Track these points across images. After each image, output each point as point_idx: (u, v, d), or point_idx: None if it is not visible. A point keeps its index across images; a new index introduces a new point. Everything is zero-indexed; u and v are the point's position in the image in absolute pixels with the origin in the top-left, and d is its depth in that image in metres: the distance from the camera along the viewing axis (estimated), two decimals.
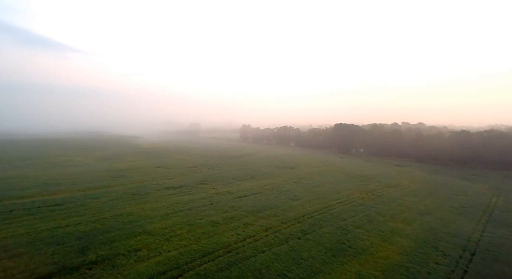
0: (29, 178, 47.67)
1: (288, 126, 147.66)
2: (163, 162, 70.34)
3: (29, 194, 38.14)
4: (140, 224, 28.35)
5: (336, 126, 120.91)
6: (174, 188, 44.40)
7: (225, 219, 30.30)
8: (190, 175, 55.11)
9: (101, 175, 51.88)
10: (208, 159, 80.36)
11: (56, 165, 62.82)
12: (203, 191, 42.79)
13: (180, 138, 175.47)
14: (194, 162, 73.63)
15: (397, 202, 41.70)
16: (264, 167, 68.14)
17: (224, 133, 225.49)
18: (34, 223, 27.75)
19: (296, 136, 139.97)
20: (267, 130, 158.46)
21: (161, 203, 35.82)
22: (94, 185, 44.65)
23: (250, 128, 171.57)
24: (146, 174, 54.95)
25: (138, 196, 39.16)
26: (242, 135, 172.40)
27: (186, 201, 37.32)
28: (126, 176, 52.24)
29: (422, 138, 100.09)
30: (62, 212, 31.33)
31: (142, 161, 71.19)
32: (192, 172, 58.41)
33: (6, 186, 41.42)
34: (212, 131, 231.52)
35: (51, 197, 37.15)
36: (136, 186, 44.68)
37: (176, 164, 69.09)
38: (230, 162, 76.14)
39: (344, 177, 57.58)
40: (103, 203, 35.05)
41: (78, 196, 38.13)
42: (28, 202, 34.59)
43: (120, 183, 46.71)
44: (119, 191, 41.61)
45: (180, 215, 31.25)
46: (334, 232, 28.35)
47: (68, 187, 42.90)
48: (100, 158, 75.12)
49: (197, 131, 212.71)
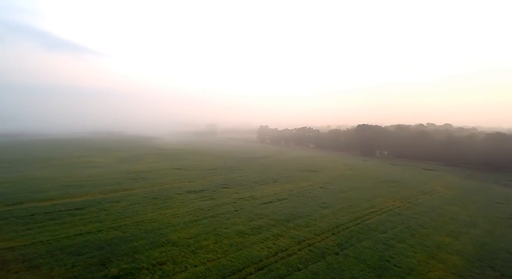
0: (51, 179, 47.40)
1: (307, 127, 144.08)
2: (183, 164, 69.16)
3: (50, 196, 37.45)
4: (163, 232, 26.57)
5: (358, 127, 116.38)
6: (195, 192, 42.68)
7: (253, 229, 28.03)
8: (210, 178, 53.38)
9: (122, 177, 51.05)
10: (227, 161, 78.64)
11: (77, 166, 62.89)
12: (226, 196, 40.78)
13: (197, 139, 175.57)
14: (213, 164, 72.06)
15: (437, 211, 38.08)
16: (285, 170, 65.52)
17: (241, 134, 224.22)
18: (55, 229, 26.56)
19: (316, 138, 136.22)
20: (286, 131, 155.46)
21: (183, 209, 34.05)
22: (115, 187, 43.66)
23: (268, 129, 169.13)
24: (167, 176, 53.70)
25: (159, 200, 37.64)
26: (259, 136, 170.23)
27: (209, 206, 35.39)
28: (146, 178, 51.15)
29: (452, 140, 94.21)
30: (83, 217, 30.12)
31: (162, 163, 70.33)
32: (212, 175, 56.68)
33: (28, 188, 41.05)
34: (229, 132, 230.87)
35: (72, 200, 36.25)
36: (157, 190, 43.30)
37: (196, 166, 67.72)
38: (250, 164, 74.02)
39: (373, 182, 54.02)
40: (124, 208, 33.68)
41: (99, 199, 37.05)
42: (50, 205, 33.74)
43: (141, 185, 45.54)
44: (139, 194, 40.31)
45: (204, 223, 29.27)
46: (374, 247, 25.45)
47: (89, 189, 42.10)
48: (120, 159, 75.00)
49: (213, 132, 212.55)
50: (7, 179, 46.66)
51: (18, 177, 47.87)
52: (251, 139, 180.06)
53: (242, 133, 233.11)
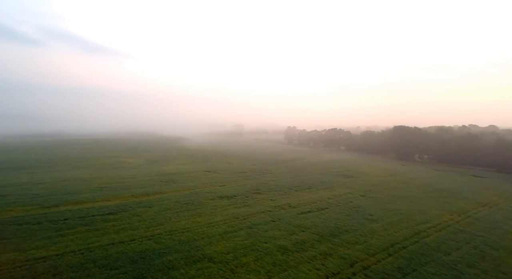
0: (85, 180, 47.54)
1: (337, 129, 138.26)
2: (212, 166, 67.69)
3: (84, 199, 36.99)
4: (198, 244, 24.43)
5: (395, 128, 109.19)
6: (227, 197, 40.53)
7: (295, 244, 25.09)
8: (241, 182, 51.13)
9: (153, 179, 50.25)
10: (257, 163, 76.21)
11: (109, 166, 63.43)
12: (260, 203, 38.17)
13: (224, 139, 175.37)
14: (242, 166, 69.96)
15: (503, 228, 32.86)
16: (319, 174, 61.78)
17: (267, 135, 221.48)
18: (87, 236, 25.36)
19: (347, 140, 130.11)
20: (314, 132, 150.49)
21: (217, 217, 31.89)
22: (146, 190, 42.67)
23: (295, 130, 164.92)
24: (196, 179, 52.22)
25: (191, 206, 35.86)
26: (287, 137, 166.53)
27: (244, 215, 32.95)
28: (176, 181, 49.94)
29: (503, 143, 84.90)
30: (116, 223, 28.88)
31: (191, 165, 69.36)
32: (243, 179, 54.43)
33: (63, 190, 41.09)
34: (255, 132, 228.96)
35: (105, 204, 35.46)
36: (188, 194, 41.70)
37: (225, 168, 65.94)
38: (281, 167, 71.00)
39: (420, 191, 48.90)
40: (157, 214, 32.16)
41: (131, 203, 35.97)
42: (83, 209, 33.04)
43: (172, 189, 44.24)
44: (171, 199, 38.85)
45: (241, 235, 26.81)
46: (441, 273, 21.52)
47: (121, 192, 41.40)
48: (150, 160, 75.17)
49: (240, 133, 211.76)
50: (45, 179, 47.44)
51: (55, 178, 48.58)
52: (278, 140, 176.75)
53: (268, 134, 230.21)
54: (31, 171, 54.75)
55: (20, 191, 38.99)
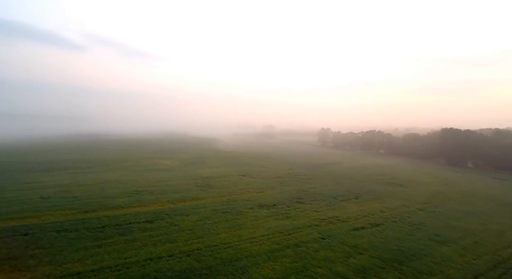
0: (122, 183, 47.13)
1: (376, 131, 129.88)
2: (246, 170, 65.18)
3: (121, 203, 35.97)
4: (242, 265, 21.57)
5: (444, 131, 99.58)
6: (267, 206, 37.48)
7: (356, 272, 21.26)
8: (280, 189, 47.88)
9: (188, 183, 48.72)
10: (293, 167, 72.50)
11: (145, 168, 63.36)
12: (304, 215, 34.64)
13: (255, 141, 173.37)
14: (278, 170, 66.68)
15: None
16: (363, 182, 56.68)
17: (299, 137, 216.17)
18: (124, 248, 23.61)
19: (388, 143, 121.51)
20: (350, 134, 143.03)
21: (259, 230, 28.93)
22: (183, 195, 40.97)
23: (329, 132, 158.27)
24: (233, 184, 49.87)
25: (230, 215, 33.29)
26: (320, 139, 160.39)
27: (289, 229, 29.67)
28: (212, 186, 47.95)
29: None
30: (153, 233, 27.03)
31: (225, 168, 67.44)
32: (281, 185, 51.14)
33: (101, 193, 40.64)
34: (286, 134, 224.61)
35: (142, 210, 34.07)
36: (226, 201, 39.29)
37: (260, 172, 63.09)
38: (319, 172, 66.70)
39: (489, 206, 42.30)
40: (195, 224, 29.95)
41: (168, 210, 34.23)
42: (120, 215, 31.79)
43: (208, 195, 42.17)
44: (208, 206, 36.64)
45: (289, 255, 23.54)
46: None
47: (158, 196, 40.07)
48: (185, 162, 74.57)
49: (271, 134, 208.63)
50: (85, 181, 47.78)
51: (94, 180, 48.82)
52: (310, 142, 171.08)
53: (300, 135, 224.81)
54: (73, 172, 55.96)
55: (61, 194, 39.04)
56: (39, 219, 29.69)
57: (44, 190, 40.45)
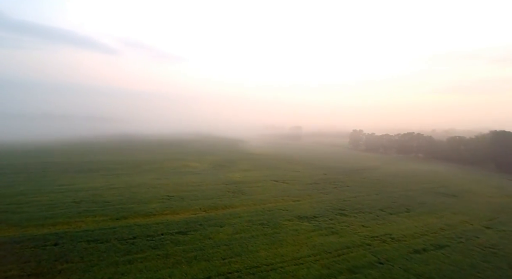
0: (153, 187, 45.72)
1: (414, 133, 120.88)
2: (279, 175, 61.80)
3: (152, 210, 34.14)
4: None
5: (494, 134, 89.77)
6: (307, 218, 33.93)
7: None
8: (317, 197, 44.07)
9: (220, 189, 46.34)
10: (327, 172, 68.02)
11: (175, 171, 62.06)
12: (351, 230, 30.69)
13: (283, 142, 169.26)
14: (312, 175, 62.63)
15: None
16: (410, 191, 51.20)
17: (327, 138, 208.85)
18: (157, 266, 21.33)
19: (428, 146, 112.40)
20: (385, 136, 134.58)
21: (303, 249, 25.52)
22: (215, 202, 38.53)
23: (362, 133, 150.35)
24: (266, 190, 46.80)
25: (267, 228, 30.19)
26: (352, 142, 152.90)
27: (337, 248, 25.97)
28: (245, 192, 45.18)
29: None
30: (187, 248, 24.59)
31: (256, 171, 64.53)
32: (317, 192, 47.26)
33: (133, 197, 39.24)
34: (314, 135, 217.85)
35: (173, 218, 31.96)
36: (261, 210, 36.25)
37: (294, 177, 59.45)
38: (357, 178, 61.79)
39: None
40: (230, 238, 27.19)
41: (201, 219, 31.84)
42: (152, 224, 29.81)
43: (242, 202, 39.40)
44: (243, 216, 33.83)
45: None
46: None
47: (189, 202, 37.95)
48: (214, 164, 72.70)
49: (298, 135, 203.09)
50: (117, 183, 47.01)
51: (126, 182, 47.94)
52: (341, 145, 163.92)
53: (328, 136, 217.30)
54: (105, 173, 55.79)
55: (93, 197, 38.10)
56: (70, 226, 28.43)
57: (76, 193, 39.81)
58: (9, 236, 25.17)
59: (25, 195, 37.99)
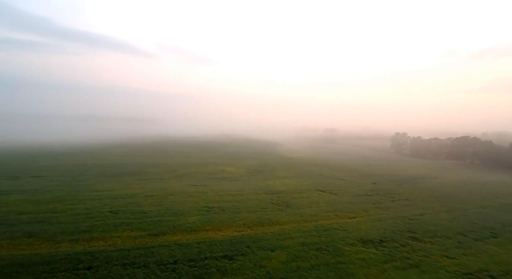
0: (190, 195, 42.47)
1: (469, 137, 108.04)
2: (322, 183, 56.14)
3: (192, 225, 30.49)
4: None
5: None
6: (373, 243, 28.28)
7: None
8: (377, 214, 37.98)
9: (262, 199, 41.95)
10: (376, 180, 61.03)
11: (211, 176, 58.82)
12: (433, 263, 24.60)
13: (318, 145, 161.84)
14: (360, 184, 56.15)
15: None
16: (487, 207, 43.23)
17: (365, 141, 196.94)
18: None
19: (487, 152, 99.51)
20: (435, 141, 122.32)
21: None
22: (260, 217, 34.11)
23: (406, 137, 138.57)
24: (314, 203, 41.55)
25: (328, 255, 25.10)
26: (394, 146, 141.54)
27: None
28: (290, 204, 40.33)
29: None
30: None
31: (297, 179, 59.37)
32: (374, 207, 41.08)
33: (171, 207, 36.06)
34: (350, 138, 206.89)
35: (216, 236, 28.04)
36: (314, 229, 31.20)
37: (340, 187, 53.46)
38: (413, 189, 54.38)
39: None
40: (286, 267, 22.53)
41: (247, 239, 27.57)
42: (193, 244, 26.06)
43: (289, 217, 34.59)
44: (294, 236, 29.04)
45: None
46: None
47: (231, 216, 33.94)
48: (251, 170, 68.65)
49: (333, 138, 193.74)
50: (154, 190, 44.54)
51: (163, 189, 45.30)
52: (381, 148, 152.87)
53: (366, 139, 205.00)
54: (141, 178, 53.97)
55: (130, 207, 35.48)
56: (106, 242, 25.52)
57: (113, 201, 37.53)
58: (41, 254, 22.63)
59: (61, 201, 36.37)
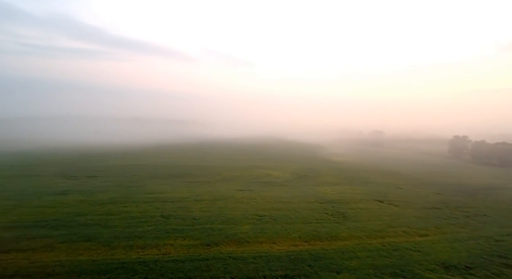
0: (239, 201, 40.75)
1: None
2: (379, 192, 51.08)
3: (245, 236, 28.47)
4: None
5: None
6: (457, 269, 23.74)
7: None
8: (452, 232, 32.65)
9: (315, 209, 38.74)
10: (441, 191, 54.21)
11: (256, 180, 56.92)
12: None
13: (365, 149, 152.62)
14: (423, 195, 50.07)
15: None
16: None
17: (416, 144, 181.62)
18: None
19: None
20: (502, 145, 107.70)
21: None
22: (316, 230, 31.04)
23: (467, 140, 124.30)
24: (374, 216, 37.25)
25: None
26: (453, 150, 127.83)
27: None
28: (348, 215, 36.55)
29: None
30: None
31: (349, 186, 54.90)
32: (447, 223, 35.56)
33: (220, 214, 34.53)
34: (399, 141, 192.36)
35: (272, 250, 25.64)
36: (381, 248, 27.30)
37: (400, 197, 48.08)
38: (486, 201, 47.18)
39: None
40: None
41: (307, 257, 24.74)
42: (249, 258, 23.95)
43: (350, 232, 30.96)
44: (360, 255, 25.51)
45: None
46: None
47: (285, 227, 31.36)
48: (296, 174, 65.54)
49: (380, 141, 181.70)
50: (202, 194, 43.78)
51: (210, 193, 44.37)
52: (436, 153, 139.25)
53: (416, 143, 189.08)
54: (188, 180, 53.95)
55: (180, 212, 34.68)
56: (160, 251, 24.51)
57: (164, 205, 37.18)
58: (98, 261, 22.16)
59: (115, 204, 36.87)
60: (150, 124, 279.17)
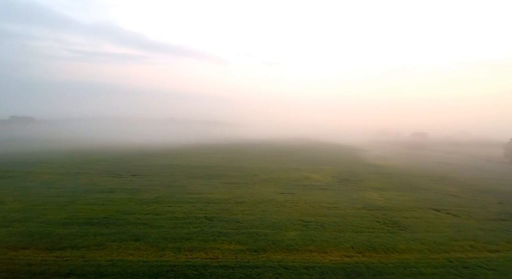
0: (281, 205, 39.23)
1: None
2: (432, 199, 46.71)
3: (292, 242, 26.94)
4: None
5: None
6: None
7: None
8: None
9: (364, 216, 36.04)
10: (504, 200, 48.35)
11: (295, 183, 54.97)
12: None
13: (408, 152, 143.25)
14: (482, 204, 44.91)
15: None
16: None
17: (462, 148, 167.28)
18: None
19: None
20: None
21: None
22: (369, 240, 28.52)
23: None
24: (432, 226, 33.71)
25: None
26: (510, 154, 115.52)
27: None
28: (402, 225, 33.43)
29: None
30: None
31: (397, 192, 50.97)
32: None
33: (263, 217, 33.28)
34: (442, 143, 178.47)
35: (324, 261, 23.81)
36: (449, 265, 24.23)
37: (457, 205, 43.49)
38: None
39: None
40: None
41: (364, 270, 22.63)
42: (300, 268, 22.37)
43: (408, 244, 28.04)
44: (425, 272, 22.86)
45: None
46: None
47: (334, 235, 29.27)
48: (337, 178, 62.54)
49: (422, 143, 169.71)
50: (242, 196, 43.01)
51: (251, 195, 43.48)
52: (489, 157, 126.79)
53: (464, 146, 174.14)
54: (227, 181, 53.57)
55: (223, 214, 34.01)
56: (207, 255, 23.81)
57: (207, 206, 36.83)
58: (149, 263, 21.90)
59: (159, 203, 37.23)
60: (185, 125, 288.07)
